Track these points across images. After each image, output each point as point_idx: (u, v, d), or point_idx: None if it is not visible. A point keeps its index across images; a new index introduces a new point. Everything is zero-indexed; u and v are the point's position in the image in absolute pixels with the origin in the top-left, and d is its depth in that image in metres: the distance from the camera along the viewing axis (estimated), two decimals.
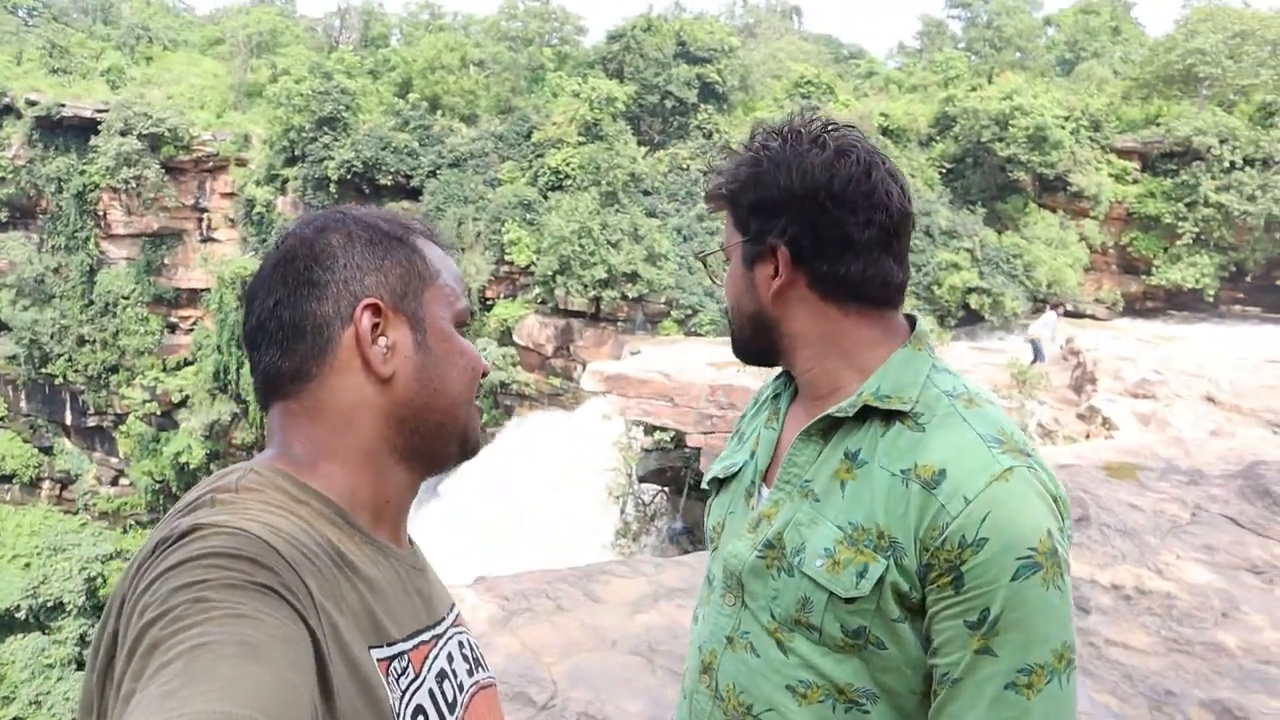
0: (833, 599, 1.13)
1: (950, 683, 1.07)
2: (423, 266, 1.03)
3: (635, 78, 31.76)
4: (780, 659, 1.19)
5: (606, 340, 28.41)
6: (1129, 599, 4.40)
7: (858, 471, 1.17)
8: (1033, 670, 1.04)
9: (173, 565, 0.77)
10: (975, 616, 1.06)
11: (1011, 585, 1.04)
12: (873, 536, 1.12)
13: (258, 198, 32.06)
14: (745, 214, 1.27)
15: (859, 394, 1.20)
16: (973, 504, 1.06)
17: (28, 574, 30.37)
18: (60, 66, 35.83)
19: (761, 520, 1.25)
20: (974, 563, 1.05)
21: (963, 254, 26.94)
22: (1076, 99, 30.63)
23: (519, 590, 4.46)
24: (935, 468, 1.10)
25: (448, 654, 1.00)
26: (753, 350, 1.33)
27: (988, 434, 1.12)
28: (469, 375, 1.04)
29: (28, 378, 34.22)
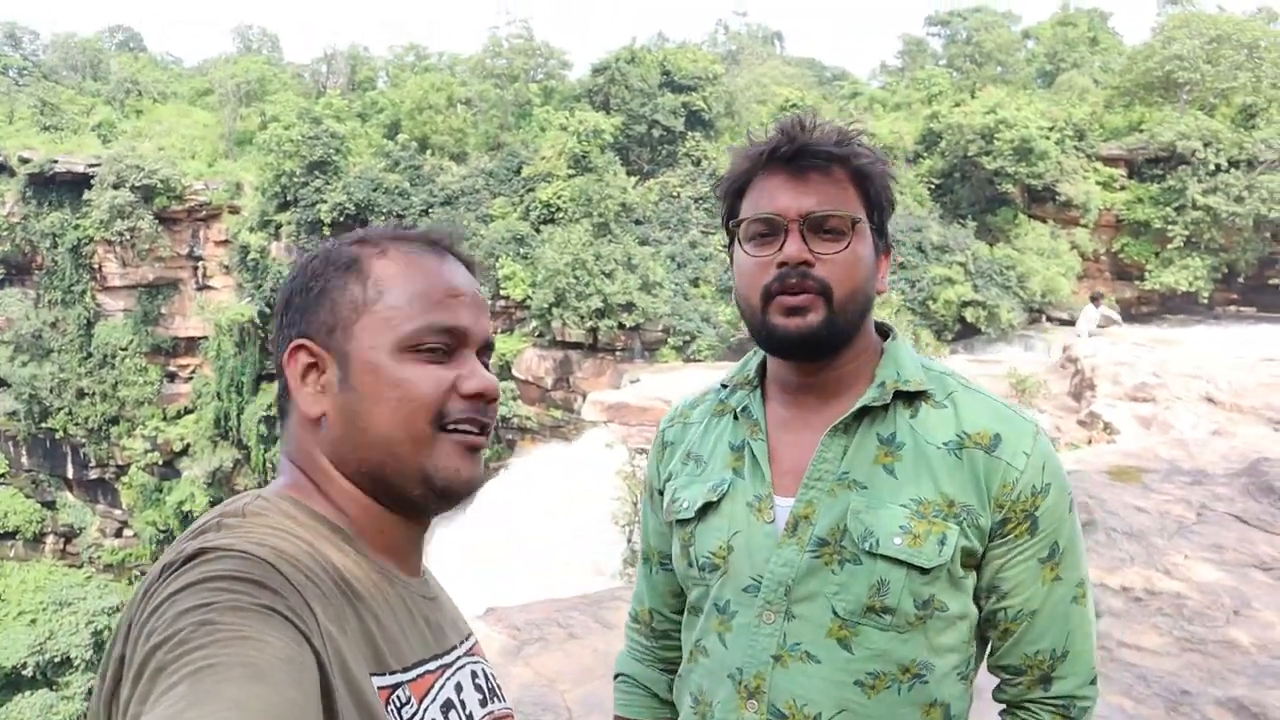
0: (911, 573, 1.19)
1: (1029, 615, 1.23)
2: (359, 293, 0.96)
3: (622, 109, 32.02)
4: (845, 657, 1.20)
5: (605, 370, 28.41)
6: (1139, 600, 4.40)
7: (899, 453, 1.23)
8: (1083, 581, 1.26)
9: (178, 589, 0.77)
10: (1047, 551, 1.22)
11: (1070, 517, 1.25)
12: (940, 506, 1.20)
13: (252, 244, 32.18)
14: (880, 198, 1.29)
15: (880, 384, 1.27)
16: (1031, 457, 1.22)
17: (33, 630, 30.11)
18: (52, 124, 36.10)
19: (799, 522, 1.24)
20: (1045, 506, 1.22)
21: (956, 268, 27.04)
22: (1059, 110, 30.88)
23: (530, 620, 4.46)
24: (989, 433, 1.23)
25: (456, 684, 0.99)
26: (847, 334, 1.27)
27: (1004, 401, 1.28)
28: (406, 407, 0.94)
29: (28, 433, 34.15)
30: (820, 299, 1.23)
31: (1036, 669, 1.25)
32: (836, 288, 1.23)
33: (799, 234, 1.24)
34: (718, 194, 1.36)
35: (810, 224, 1.24)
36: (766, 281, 1.25)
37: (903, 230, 27.60)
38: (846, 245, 1.24)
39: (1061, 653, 1.25)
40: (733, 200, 1.32)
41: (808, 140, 1.25)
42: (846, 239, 1.24)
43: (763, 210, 1.26)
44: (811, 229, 1.24)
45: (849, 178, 1.26)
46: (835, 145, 1.25)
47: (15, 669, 29.10)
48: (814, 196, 1.24)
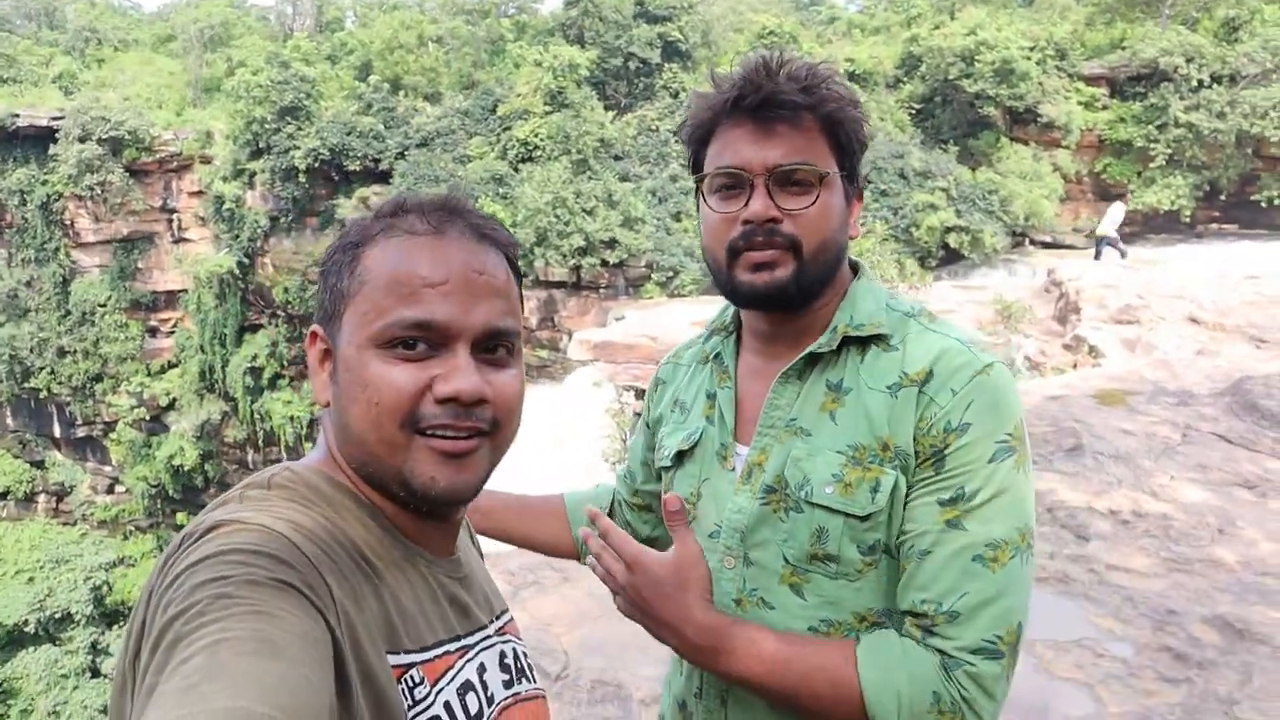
0: (848, 521, 1.16)
1: (919, 554, 1.13)
2: (348, 282, 0.92)
3: (596, 42, 31.41)
4: (798, 603, 1.19)
5: (590, 308, 28.36)
6: (1127, 523, 4.45)
7: (845, 399, 1.20)
8: (999, 545, 1.11)
9: (196, 561, 0.77)
10: (949, 495, 1.12)
11: (989, 466, 1.12)
12: (876, 451, 1.16)
13: (226, 194, 31.67)
14: (851, 144, 1.24)
15: (833, 329, 1.23)
16: (958, 395, 1.14)
17: (32, 588, 30.34)
18: (9, 76, 35.12)
19: (753, 469, 1.25)
20: (956, 445, 1.13)
21: (938, 194, 26.92)
22: (1040, 29, 30.48)
23: (524, 564, 4.48)
24: (925, 370, 1.17)
25: (479, 665, 0.97)
26: (818, 285, 1.24)
27: (963, 338, 1.20)
28: (374, 410, 0.89)
29: (11, 394, 33.93)
30: (789, 254, 1.21)
31: (920, 619, 1.12)
32: (805, 242, 1.21)
33: (765, 189, 1.20)
34: (680, 138, 1.32)
35: (777, 178, 1.20)
36: (732, 238, 1.22)
37: (884, 157, 27.39)
38: (815, 199, 1.20)
39: (948, 610, 1.10)
40: (696, 148, 1.28)
41: (774, 88, 1.18)
42: (815, 192, 1.20)
43: (726, 163, 1.22)
44: (778, 182, 1.20)
45: (818, 126, 1.20)
46: (802, 92, 1.19)
47: (17, 626, 29.38)
48: (780, 148, 1.19)
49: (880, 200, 27.05)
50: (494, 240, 0.98)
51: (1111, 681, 3.20)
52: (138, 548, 32.78)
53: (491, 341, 0.94)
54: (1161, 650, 3.38)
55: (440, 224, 0.94)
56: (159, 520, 33.98)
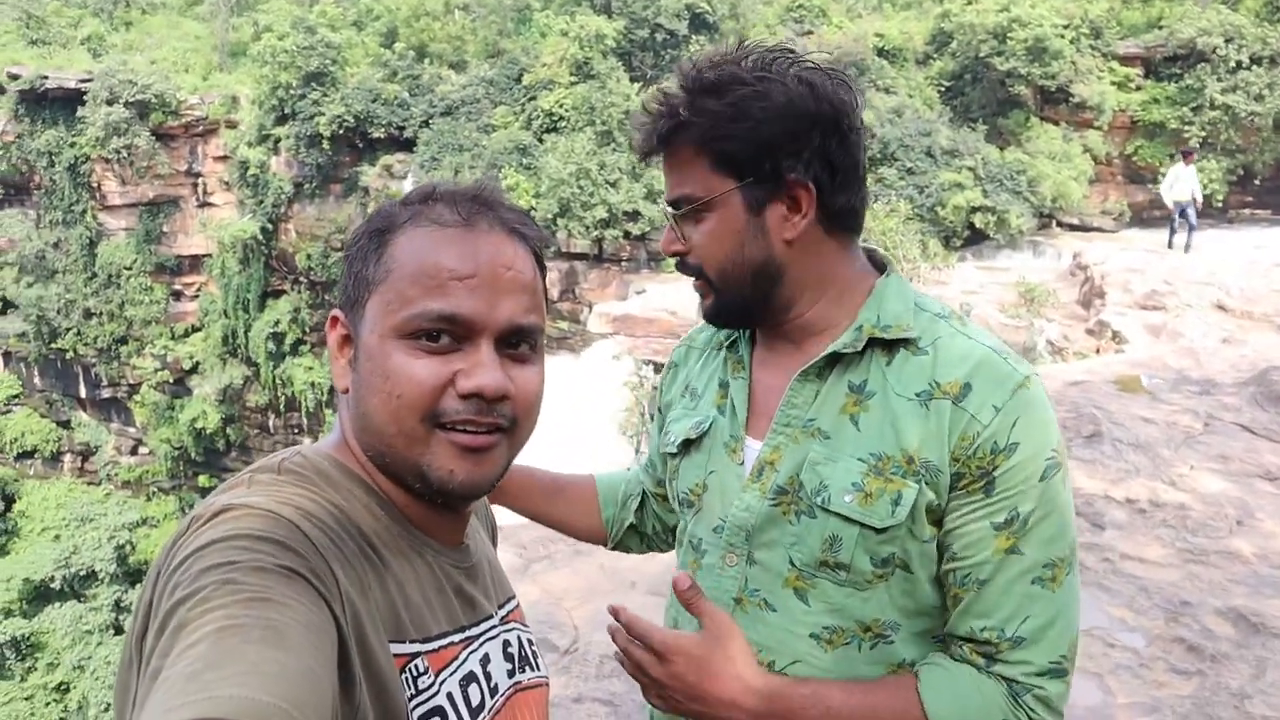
0: (864, 532, 1.12)
1: (977, 584, 1.11)
2: (374, 269, 0.92)
3: (624, 12, 31.09)
4: (801, 609, 1.17)
5: (611, 281, 28.32)
6: (1143, 512, 4.42)
7: (868, 403, 1.15)
8: (1055, 564, 1.10)
9: (203, 545, 0.77)
10: (1003, 517, 1.09)
11: (1041, 485, 1.09)
12: (900, 463, 1.12)
13: (251, 159, 31.75)
14: (749, 152, 1.14)
15: (858, 327, 1.18)
16: (1002, 412, 1.09)
17: (58, 545, 30.89)
18: (39, 37, 35.24)
19: (764, 468, 1.21)
20: (1006, 466, 1.09)
21: (965, 173, 26.58)
22: (1075, 6, 29.88)
23: (536, 537, 4.51)
24: (961, 382, 1.12)
25: (483, 655, 0.97)
26: (746, 309, 1.23)
27: (997, 346, 1.15)
28: (394, 403, 0.88)
29: (39, 354, 34.35)
30: (704, 282, 1.23)
31: (983, 646, 1.12)
32: (707, 269, 1.21)
33: (671, 224, 1.24)
34: None
35: (677, 212, 1.22)
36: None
37: (911, 135, 27.07)
38: (701, 228, 1.20)
39: (1014, 636, 1.10)
40: None
41: (651, 128, 1.20)
42: (700, 221, 1.20)
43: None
44: (679, 215, 1.22)
45: (692, 150, 1.18)
46: (672, 124, 1.17)
47: (44, 582, 29.96)
48: (669, 182, 1.21)
49: (906, 178, 26.76)
50: (523, 235, 0.97)
51: (1121, 672, 3.18)
52: (160, 509, 33.25)
53: (515, 338, 0.93)
54: (1174, 641, 3.36)
55: (470, 216, 0.93)
56: (181, 482, 34.44)
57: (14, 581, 29.90)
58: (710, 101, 1.15)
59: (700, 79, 1.16)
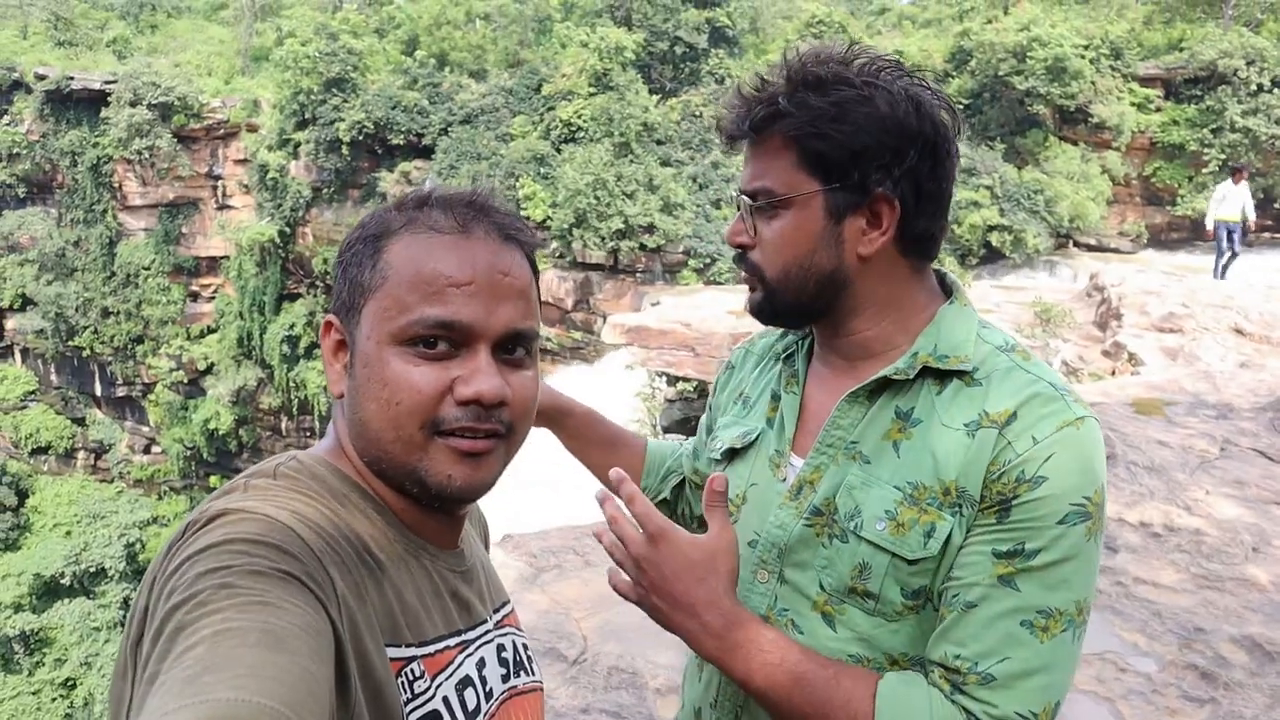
0: (895, 562, 1.09)
1: (962, 606, 1.05)
2: (370, 275, 0.91)
3: (644, 24, 31.25)
4: (828, 634, 1.13)
5: (626, 292, 28.36)
6: (1158, 536, 4.38)
7: (913, 431, 1.12)
8: (1052, 614, 1.03)
9: (199, 549, 0.77)
10: (1007, 547, 1.04)
11: (1058, 528, 1.03)
12: (936, 494, 1.08)
13: (271, 163, 32.00)
14: (842, 156, 1.11)
15: (913, 354, 1.14)
16: (1040, 445, 1.04)
17: (69, 541, 31.08)
18: (66, 39, 35.71)
19: (803, 487, 1.18)
20: (1026, 499, 1.04)
21: (982, 191, 26.54)
22: (1096, 26, 29.85)
23: (546, 547, 4.50)
24: (1009, 411, 1.07)
25: (479, 659, 0.97)
26: (803, 313, 1.19)
27: (1058, 384, 1.10)
28: (393, 409, 0.88)
29: (56, 351, 34.67)
30: (756, 279, 1.19)
31: (952, 674, 1.05)
32: (766, 269, 1.17)
33: (745, 212, 1.18)
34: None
35: (752, 201, 1.18)
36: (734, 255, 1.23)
37: None
38: (774, 225, 1.15)
39: (984, 673, 1.02)
40: None
41: (739, 115, 1.16)
42: (775, 217, 1.15)
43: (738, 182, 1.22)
44: (753, 206, 1.17)
45: (781, 144, 1.13)
46: (767, 113, 1.13)
47: (54, 578, 30.13)
48: (749, 171, 1.17)
49: None
50: (518, 241, 0.98)
51: (1133, 697, 3.15)
52: (171, 508, 33.42)
53: (512, 343, 0.93)
54: (1187, 668, 3.32)
55: (466, 222, 0.93)
56: (193, 482, 34.62)
57: (24, 576, 30.08)
58: (812, 96, 1.11)
59: (805, 72, 1.12)
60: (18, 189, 34.55)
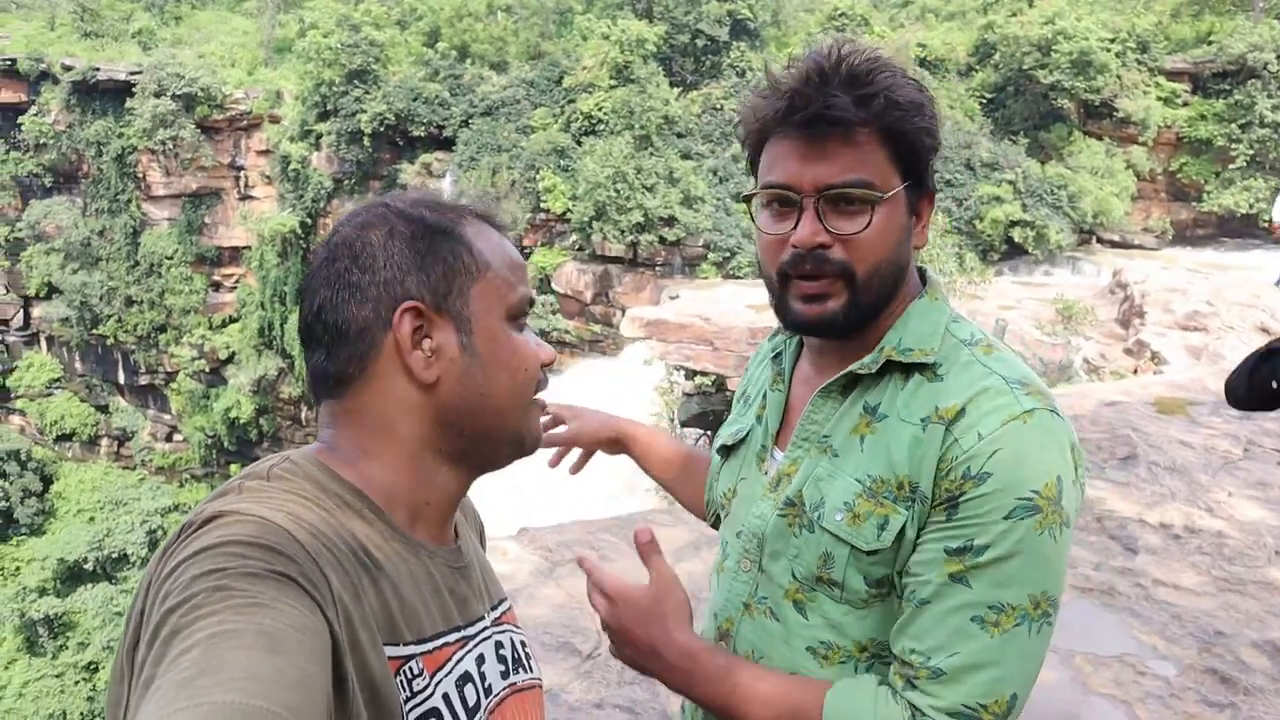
0: (854, 552, 1.12)
1: (917, 602, 1.08)
2: (469, 259, 0.97)
3: (665, 17, 31.15)
4: (800, 622, 1.17)
5: (645, 285, 28.35)
6: (1178, 538, 4.34)
7: (877, 425, 1.14)
8: (1003, 609, 1.04)
9: (195, 552, 0.77)
10: (957, 544, 1.06)
11: (1004, 523, 1.04)
12: (892, 488, 1.10)
13: (293, 154, 32.17)
14: (924, 153, 1.14)
15: (880, 349, 1.16)
16: (984, 440, 1.05)
17: (92, 528, 31.47)
18: (92, 30, 35.95)
19: (782, 479, 1.22)
20: (972, 495, 1.05)
21: (1005, 186, 26.33)
22: (1123, 19, 29.51)
23: (562, 541, 4.52)
24: (956, 408, 1.09)
25: (478, 656, 0.99)
26: (877, 313, 1.17)
27: (1011, 376, 1.10)
28: (521, 376, 0.98)
29: (81, 339, 35.07)
30: (840, 282, 1.13)
31: (905, 667, 1.08)
32: (858, 269, 1.12)
33: (814, 211, 1.11)
34: (739, 140, 1.24)
35: (828, 198, 1.11)
36: (782, 261, 1.15)
37: (951, 147, 26.86)
38: (869, 222, 1.11)
39: (934, 667, 1.05)
40: (752, 154, 1.21)
41: (825, 100, 1.08)
42: (869, 214, 1.11)
43: (774, 180, 1.14)
44: (830, 203, 1.11)
45: (876, 139, 1.10)
46: (858, 103, 1.08)
47: (77, 563, 30.53)
48: (833, 166, 1.10)
49: (944, 190, 26.56)
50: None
51: (1151, 701, 3.13)
52: (192, 495, 33.76)
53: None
54: (1206, 672, 3.29)
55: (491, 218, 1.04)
56: (214, 470, 34.94)
57: (49, 561, 30.49)
58: (899, 92, 1.10)
59: (873, 71, 1.10)
60: (44, 178, 34.93)
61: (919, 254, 1.27)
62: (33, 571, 30.54)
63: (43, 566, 30.58)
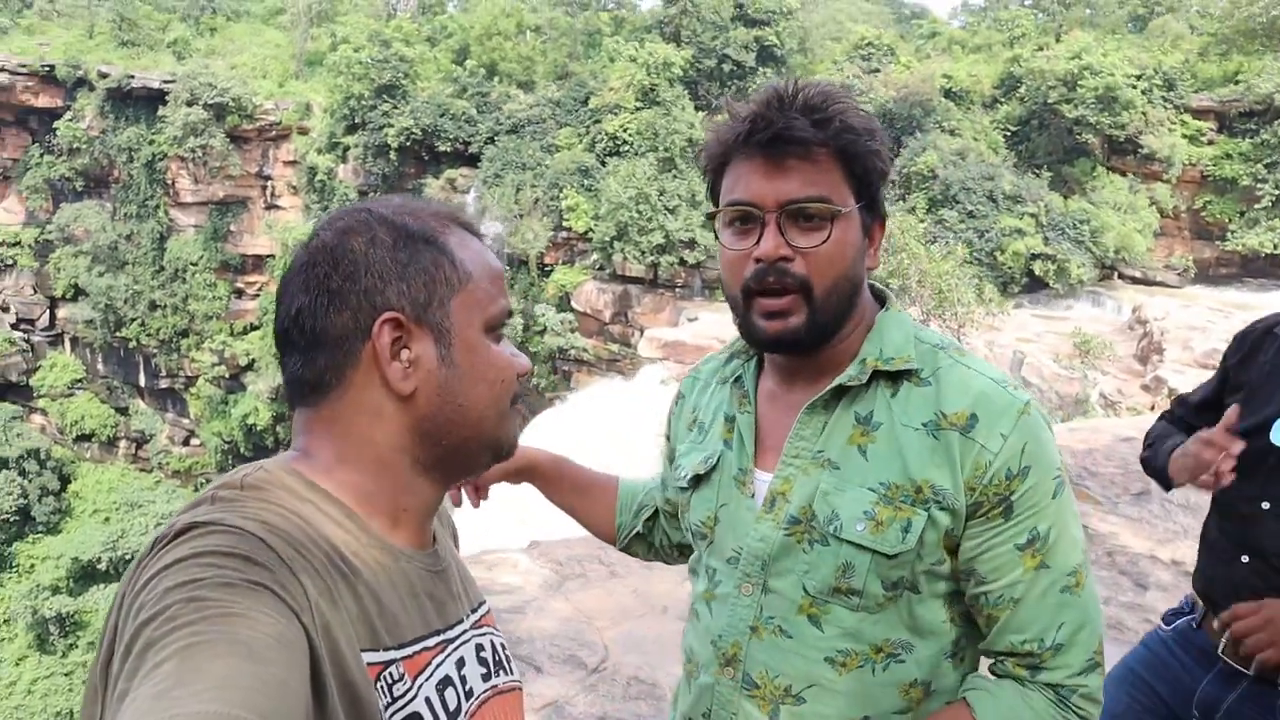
0: (876, 558, 1.16)
1: (1012, 602, 1.18)
2: (451, 270, 0.95)
3: (692, 41, 31.42)
4: (815, 634, 1.20)
5: (664, 306, 28.42)
6: (1189, 575, 4.33)
7: (874, 434, 1.19)
8: (1076, 570, 1.19)
9: (168, 564, 0.77)
10: (1025, 538, 1.16)
11: (1054, 502, 1.17)
12: (909, 492, 1.16)
13: (320, 165, 32.57)
14: (875, 175, 1.20)
15: (862, 360, 1.21)
16: (1010, 439, 1.15)
17: (107, 528, 31.68)
18: (129, 39, 36.63)
19: (776, 499, 1.23)
20: (1022, 490, 1.15)
21: (1027, 219, 26.30)
22: (1149, 56, 29.52)
23: (572, 555, 4.55)
24: (967, 413, 1.16)
25: (458, 659, 0.98)
26: (833, 329, 1.22)
27: (995, 376, 1.21)
28: (499, 387, 0.98)
29: (104, 341, 35.49)
30: (800, 298, 1.18)
31: (1025, 658, 1.20)
32: (816, 283, 1.17)
33: (776, 226, 1.16)
34: (699, 167, 1.29)
35: (789, 214, 1.17)
36: (745, 278, 1.19)
37: (974, 178, 26.87)
38: (827, 236, 1.17)
39: (1053, 644, 1.18)
40: (713, 179, 1.26)
41: (785, 121, 1.15)
42: (827, 229, 1.17)
43: (738, 197, 1.19)
44: (790, 218, 1.17)
45: (832, 159, 1.17)
46: (815, 125, 1.15)
47: (91, 562, 30.72)
48: (792, 183, 1.16)
49: (966, 222, 26.53)
50: None
51: None
52: None
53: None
54: None
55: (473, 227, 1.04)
56: None
57: (63, 560, 30.70)
58: (852, 117, 1.17)
59: (828, 98, 1.18)
60: (76, 182, 35.51)
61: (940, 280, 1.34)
62: (47, 569, 30.76)
63: (57, 565, 30.80)
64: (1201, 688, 1.88)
